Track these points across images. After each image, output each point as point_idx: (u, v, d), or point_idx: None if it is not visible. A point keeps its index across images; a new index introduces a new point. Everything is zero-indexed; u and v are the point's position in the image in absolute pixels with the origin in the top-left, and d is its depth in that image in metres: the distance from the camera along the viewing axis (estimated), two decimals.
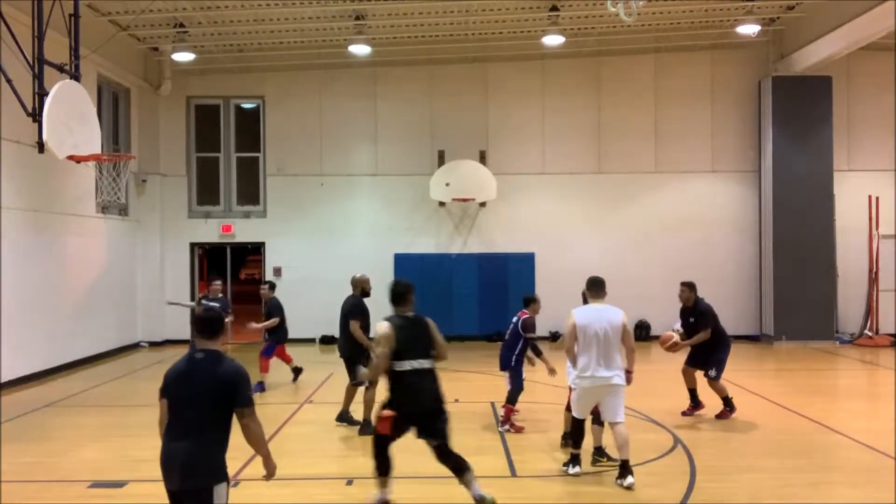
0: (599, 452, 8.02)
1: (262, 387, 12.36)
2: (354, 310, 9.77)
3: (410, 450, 8.73)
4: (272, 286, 13.18)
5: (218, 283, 12.78)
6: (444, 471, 7.88)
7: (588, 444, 8.01)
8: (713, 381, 10.24)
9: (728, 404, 10.27)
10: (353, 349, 9.66)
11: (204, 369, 4.60)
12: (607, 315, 7.46)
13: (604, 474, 7.70)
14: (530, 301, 9.93)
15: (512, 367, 9.70)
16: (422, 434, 6.59)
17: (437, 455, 6.56)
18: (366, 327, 9.67)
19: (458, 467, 6.52)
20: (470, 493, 6.44)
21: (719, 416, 10.20)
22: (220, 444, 4.63)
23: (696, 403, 10.47)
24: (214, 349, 4.71)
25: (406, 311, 6.67)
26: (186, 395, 4.57)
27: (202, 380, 4.58)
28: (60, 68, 9.87)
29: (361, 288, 9.90)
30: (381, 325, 6.52)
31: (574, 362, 7.62)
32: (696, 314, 10.23)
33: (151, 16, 15.69)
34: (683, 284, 10.48)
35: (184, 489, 4.53)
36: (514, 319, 9.86)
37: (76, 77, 10.12)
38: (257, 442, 4.68)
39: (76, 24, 10.21)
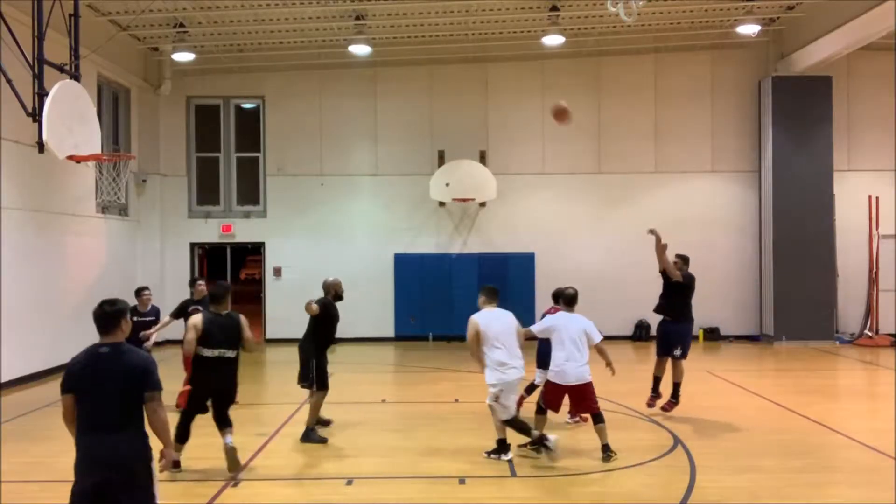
0: (607, 449, 8.10)
1: None
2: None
3: (411, 450, 8.75)
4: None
5: (147, 293, 11.28)
6: (444, 471, 7.90)
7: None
8: (677, 361, 10.27)
9: (675, 393, 10.28)
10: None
11: (113, 362, 4.69)
12: (504, 317, 8.37)
13: (603, 475, 7.70)
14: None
15: None
16: (214, 406, 7.85)
17: (214, 416, 7.83)
18: (332, 331, 9.54)
19: (225, 424, 7.81)
20: (224, 441, 7.74)
21: (665, 409, 10.23)
22: (143, 427, 4.72)
23: (656, 393, 10.45)
24: (117, 342, 4.79)
25: (221, 309, 7.85)
26: (101, 388, 4.63)
27: (114, 371, 4.66)
28: (60, 68, 9.86)
29: (335, 291, 9.76)
30: (194, 317, 7.86)
31: (482, 362, 8.20)
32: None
33: (151, 16, 15.69)
34: (678, 256, 10.82)
35: (119, 477, 4.58)
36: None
37: (76, 77, 10.11)
38: (162, 427, 4.73)
39: (76, 24, 10.20)
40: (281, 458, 8.50)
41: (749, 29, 16.74)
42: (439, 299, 18.78)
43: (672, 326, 10.50)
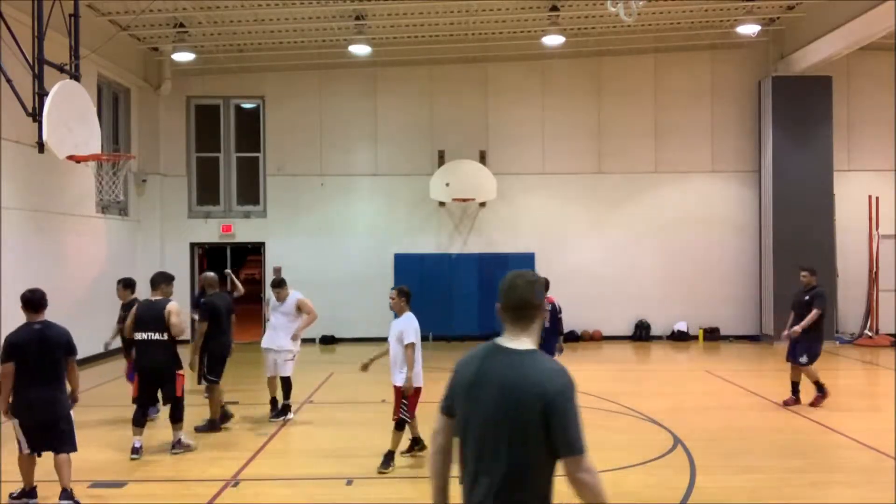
0: (416, 442, 8.41)
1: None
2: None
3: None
4: (127, 284, 10.91)
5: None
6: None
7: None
8: (805, 367, 10.87)
9: (820, 389, 10.89)
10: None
11: (47, 334, 6.61)
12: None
13: (603, 475, 7.70)
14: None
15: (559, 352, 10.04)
16: (162, 393, 8.69)
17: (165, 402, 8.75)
18: (215, 327, 9.97)
19: (175, 419, 8.57)
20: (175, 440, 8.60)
21: (813, 404, 10.76)
22: (65, 382, 6.76)
23: (796, 395, 11.04)
24: (44, 319, 6.70)
25: (155, 296, 8.72)
26: (39, 355, 6.52)
27: (50, 342, 6.59)
28: (60, 68, 9.84)
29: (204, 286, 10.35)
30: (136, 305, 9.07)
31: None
32: (812, 294, 10.99)
33: (151, 16, 15.69)
34: (804, 269, 11.30)
35: (56, 418, 6.60)
36: (550, 307, 10.15)
37: (76, 77, 10.10)
38: (76, 377, 6.81)
39: (76, 24, 10.19)
40: (281, 458, 8.51)
41: (749, 29, 16.73)
42: (439, 299, 18.75)
43: (801, 345, 11.03)
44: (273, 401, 10.28)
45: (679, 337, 18.91)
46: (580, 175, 19.21)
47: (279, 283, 10.31)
